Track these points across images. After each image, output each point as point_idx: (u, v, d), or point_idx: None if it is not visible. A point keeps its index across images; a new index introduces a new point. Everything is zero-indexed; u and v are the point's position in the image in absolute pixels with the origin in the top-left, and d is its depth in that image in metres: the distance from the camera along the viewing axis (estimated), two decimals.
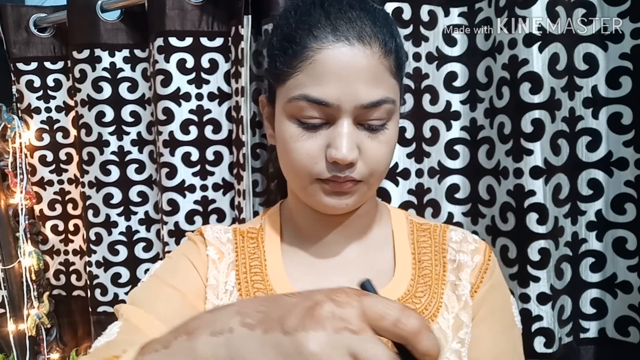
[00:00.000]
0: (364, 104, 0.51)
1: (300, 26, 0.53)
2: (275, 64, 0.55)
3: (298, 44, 0.52)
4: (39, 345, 1.37)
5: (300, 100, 0.52)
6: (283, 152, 0.56)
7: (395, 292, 0.58)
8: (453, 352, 0.56)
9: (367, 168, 0.54)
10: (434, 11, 0.92)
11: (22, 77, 1.29)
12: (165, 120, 1.09)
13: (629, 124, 0.83)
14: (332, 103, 0.51)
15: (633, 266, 0.85)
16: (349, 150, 0.51)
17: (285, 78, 0.54)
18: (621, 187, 0.85)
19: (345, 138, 0.51)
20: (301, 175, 0.54)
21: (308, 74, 0.52)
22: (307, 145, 0.53)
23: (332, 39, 0.51)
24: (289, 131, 0.54)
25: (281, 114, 0.55)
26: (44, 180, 1.35)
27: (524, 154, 0.83)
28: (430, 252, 0.63)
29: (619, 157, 0.84)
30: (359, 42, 0.51)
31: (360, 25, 0.52)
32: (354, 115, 0.52)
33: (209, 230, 0.65)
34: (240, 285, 0.60)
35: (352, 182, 0.54)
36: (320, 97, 0.51)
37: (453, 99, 0.94)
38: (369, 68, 0.51)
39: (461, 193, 0.95)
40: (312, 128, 0.53)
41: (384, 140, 0.54)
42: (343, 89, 0.51)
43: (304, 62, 0.52)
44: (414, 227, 0.65)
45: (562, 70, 0.83)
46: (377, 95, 0.52)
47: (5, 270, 1.33)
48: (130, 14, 1.19)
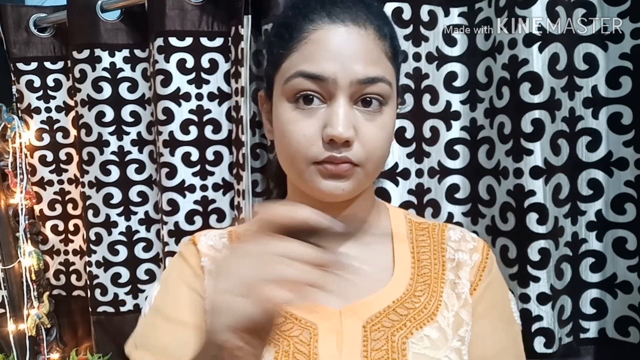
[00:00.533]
0: (361, 79, 0.51)
1: (297, 13, 0.54)
2: (273, 51, 0.56)
3: (294, 28, 0.53)
4: (39, 345, 1.37)
5: (296, 77, 0.52)
6: (280, 139, 0.56)
7: (394, 291, 0.58)
8: (453, 350, 0.56)
9: (364, 151, 0.53)
10: (434, 11, 0.92)
11: (22, 77, 1.29)
12: (165, 120, 1.09)
13: (629, 124, 0.83)
14: (328, 77, 0.51)
15: (633, 266, 0.85)
16: (345, 128, 0.51)
17: (281, 61, 0.54)
18: (621, 187, 0.85)
19: (341, 115, 0.51)
20: (298, 159, 0.54)
21: (303, 52, 0.52)
22: (303, 127, 0.53)
23: (327, 20, 0.52)
24: (285, 114, 0.54)
25: (278, 100, 0.55)
26: (44, 180, 1.35)
27: (524, 154, 0.83)
28: (429, 251, 0.62)
29: (619, 157, 0.84)
30: (354, 24, 0.52)
31: (355, 10, 0.53)
32: (350, 92, 0.52)
33: (202, 240, 0.64)
34: None
35: (349, 165, 0.53)
36: (315, 71, 0.51)
37: (453, 99, 0.94)
38: (365, 47, 0.52)
39: (461, 193, 0.95)
40: (307, 108, 0.53)
41: (380, 124, 0.54)
42: (338, 65, 0.51)
43: (299, 42, 0.52)
44: (413, 226, 0.65)
45: (562, 70, 0.83)
46: (373, 72, 0.52)
47: (5, 270, 1.33)
48: (130, 14, 1.19)
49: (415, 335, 0.55)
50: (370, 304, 0.57)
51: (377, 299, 0.57)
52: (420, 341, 0.55)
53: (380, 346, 0.54)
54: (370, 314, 0.56)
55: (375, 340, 0.55)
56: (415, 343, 0.55)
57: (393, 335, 0.55)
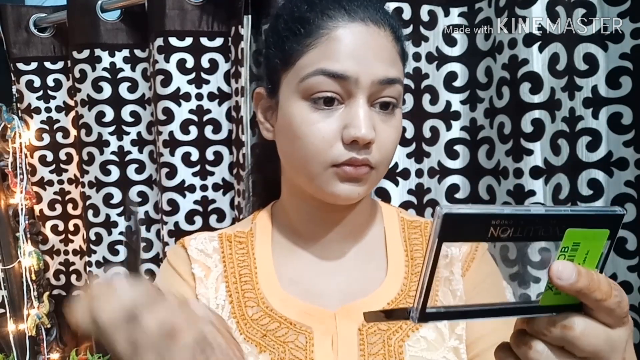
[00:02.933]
0: (381, 79, 0.51)
1: (312, 7, 0.52)
2: (283, 46, 0.54)
3: (311, 24, 0.51)
4: (39, 345, 1.37)
5: (315, 75, 0.50)
6: (292, 140, 0.53)
7: (389, 291, 0.58)
8: (451, 350, 0.55)
9: (380, 153, 0.53)
10: (434, 11, 0.92)
11: (22, 77, 1.29)
12: (165, 120, 1.09)
13: (629, 124, 0.83)
14: (350, 76, 0.50)
15: (633, 266, 0.85)
16: (368, 129, 0.50)
17: (295, 58, 0.52)
18: (621, 187, 0.85)
19: (364, 116, 0.50)
20: (314, 163, 0.52)
21: (323, 49, 0.51)
22: (322, 128, 0.51)
23: (347, 18, 0.51)
24: (300, 115, 0.52)
25: (290, 98, 0.53)
26: (44, 180, 1.35)
27: (524, 154, 0.83)
28: (422, 249, 0.62)
29: (619, 157, 0.84)
30: (374, 24, 0.51)
31: (372, 10, 0.52)
32: (369, 92, 0.51)
33: (192, 245, 0.62)
34: (231, 297, 0.58)
35: (367, 167, 0.52)
36: (338, 70, 0.50)
37: (453, 99, 0.94)
38: (385, 47, 0.52)
39: (461, 193, 0.95)
40: (326, 109, 0.51)
41: (394, 125, 0.54)
42: (361, 64, 0.50)
43: (319, 39, 0.51)
44: (405, 224, 0.65)
45: (562, 70, 0.83)
46: (392, 73, 0.52)
47: (5, 270, 1.32)
48: (130, 14, 1.19)
49: (412, 338, 0.55)
50: (365, 305, 0.56)
51: (372, 300, 0.57)
52: (416, 343, 0.54)
53: (377, 350, 0.53)
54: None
55: (372, 344, 0.54)
56: (412, 345, 0.54)
57: (389, 338, 0.54)
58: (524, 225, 0.30)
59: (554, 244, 0.32)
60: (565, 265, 0.30)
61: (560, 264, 0.30)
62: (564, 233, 0.31)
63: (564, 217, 0.30)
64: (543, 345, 0.32)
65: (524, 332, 0.33)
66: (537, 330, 0.32)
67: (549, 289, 0.32)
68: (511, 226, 0.29)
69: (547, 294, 0.32)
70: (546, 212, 0.30)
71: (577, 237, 0.31)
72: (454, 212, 0.28)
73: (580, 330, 0.31)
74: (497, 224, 0.29)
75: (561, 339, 0.31)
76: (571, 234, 0.31)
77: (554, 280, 0.30)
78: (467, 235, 0.30)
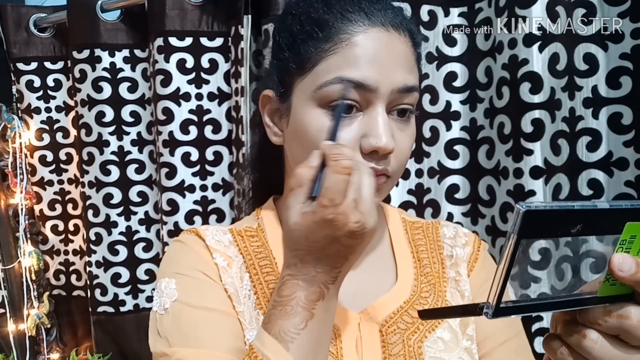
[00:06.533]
0: (400, 88, 0.50)
1: (331, 11, 0.50)
2: (299, 49, 0.52)
3: (330, 27, 0.50)
4: (39, 345, 1.37)
5: (335, 83, 0.49)
6: (307, 148, 0.50)
7: (401, 294, 0.57)
8: (465, 351, 0.55)
9: (397, 162, 0.51)
10: (434, 11, 0.92)
11: (22, 77, 1.29)
12: (165, 120, 1.09)
13: (629, 124, 0.83)
14: (371, 85, 0.48)
15: None
16: (389, 139, 0.48)
17: (313, 63, 0.50)
18: (621, 187, 0.84)
19: (384, 126, 0.49)
20: None
21: (343, 56, 0.49)
22: (340, 138, 0.48)
23: (367, 23, 0.49)
24: (317, 123, 0.50)
25: (305, 104, 0.51)
26: (44, 180, 1.35)
27: (524, 154, 0.83)
28: (427, 250, 0.62)
29: (619, 157, 0.84)
30: (394, 29, 0.50)
31: (392, 14, 0.51)
32: (388, 100, 0.50)
33: (209, 235, 0.59)
34: (255, 287, 0.56)
35: (385, 177, 0.51)
36: (359, 78, 0.48)
37: (453, 99, 0.94)
38: (405, 54, 0.51)
39: (461, 193, 0.95)
40: (345, 116, 0.49)
41: (409, 133, 0.53)
42: (381, 72, 0.49)
43: (338, 44, 0.49)
44: (407, 225, 0.64)
45: (562, 70, 0.83)
46: (411, 81, 0.51)
47: (5, 270, 1.33)
48: (130, 14, 1.19)
49: (430, 339, 0.54)
50: (382, 306, 0.55)
51: (388, 300, 0.56)
52: (434, 344, 0.54)
53: (398, 351, 0.53)
54: (385, 315, 0.54)
55: (392, 344, 0.53)
56: (430, 347, 0.54)
57: (408, 339, 0.54)
58: (592, 220, 0.32)
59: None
60: (625, 258, 0.32)
61: (621, 256, 0.33)
62: (624, 226, 0.32)
63: (626, 211, 0.32)
64: (597, 334, 0.34)
65: (574, 322, 0.35)
66: (592, 320, 0.34)
67: (606, 281, 0.34)
68: (581, 221, 0.31)
69: (604, 286, 0.34)
70: (610, 207, 0.32)
71: (634, 230, 0.33)
72: (533, 209, 0.29)
73: (637, 319, 0.33)
74: (570, 219, 0.31)
75: (617, 328, 0.33)
76: (630, 227, 0.32)
77: (615, 272, 0.32)
78: (543, 232, 0.32)
